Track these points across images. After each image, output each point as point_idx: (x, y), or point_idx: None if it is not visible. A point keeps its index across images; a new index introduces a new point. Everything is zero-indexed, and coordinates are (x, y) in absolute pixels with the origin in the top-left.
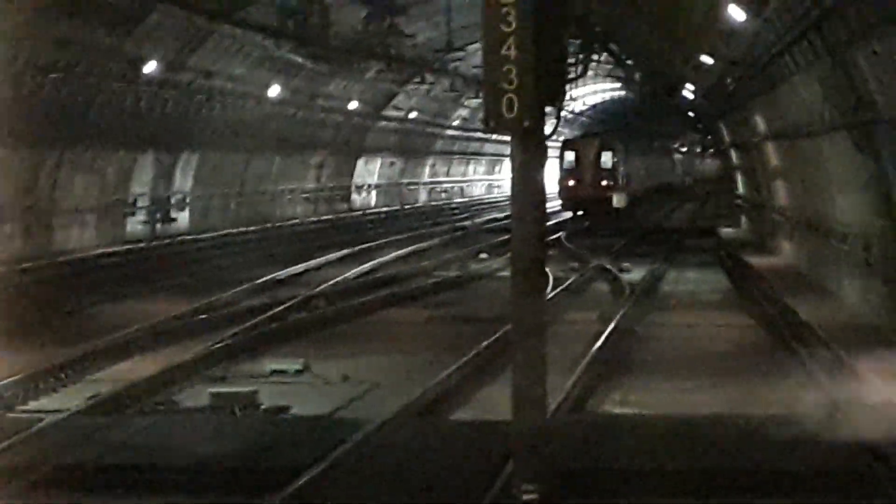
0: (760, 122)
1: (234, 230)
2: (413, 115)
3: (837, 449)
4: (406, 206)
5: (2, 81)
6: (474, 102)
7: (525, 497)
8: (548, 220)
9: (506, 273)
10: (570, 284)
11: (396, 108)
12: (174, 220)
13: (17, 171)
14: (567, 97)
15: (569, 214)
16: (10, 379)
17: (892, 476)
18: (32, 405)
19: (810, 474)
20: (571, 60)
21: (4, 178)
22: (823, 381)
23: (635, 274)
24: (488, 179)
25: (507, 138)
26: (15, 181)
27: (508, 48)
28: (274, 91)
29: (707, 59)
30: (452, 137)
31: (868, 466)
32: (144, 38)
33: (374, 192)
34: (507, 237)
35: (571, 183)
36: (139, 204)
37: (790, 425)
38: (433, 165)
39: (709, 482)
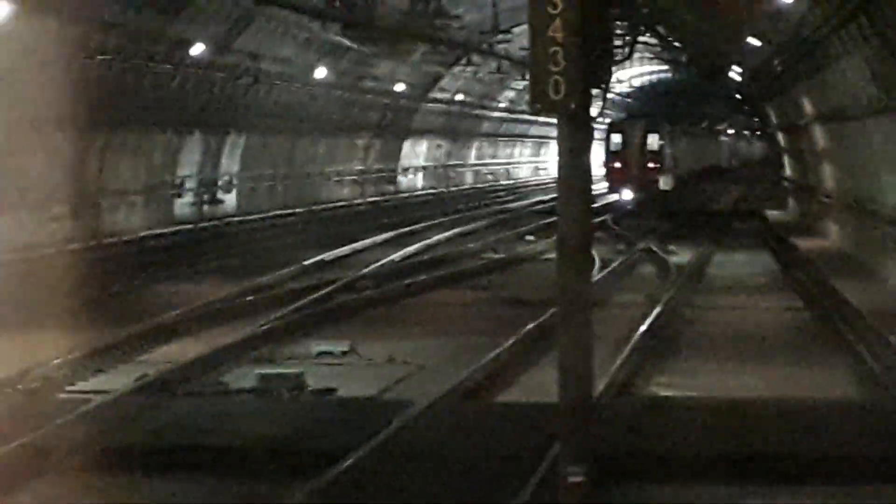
0: (807, 105)
1: (281, 212)
2: (459, 97)
3: (886, 435)
4: (452, 189)
5: (50, 64)
6: (520, 85)
7: (571, 479)
8: (594, 202)
9: (552, 255)
10: (616, 267)
11: (443, 90)
12: (221, 201)
13: (64, 153)
14: (613, 79)
15: (615, 196)
16: (59, 360)
17: None
18: (81, 386)
19: (857, 459)
20: (618, 42)
21: (52, 161)
22: (871, 365)
23: (682, 256)
24: (534, 162)
25: (553, 121)
26: (63, 164)
27: (555, 30)
28: (320, 73)
29: (754, 42)
30: (499, 120)
31: None
32: (190, 20)
33: (420, 175)
34: (552, 219)
35: (618, 165)
36: (186, 186)
37: (838, 409)
38: (479, 148)
39: (754, 465)
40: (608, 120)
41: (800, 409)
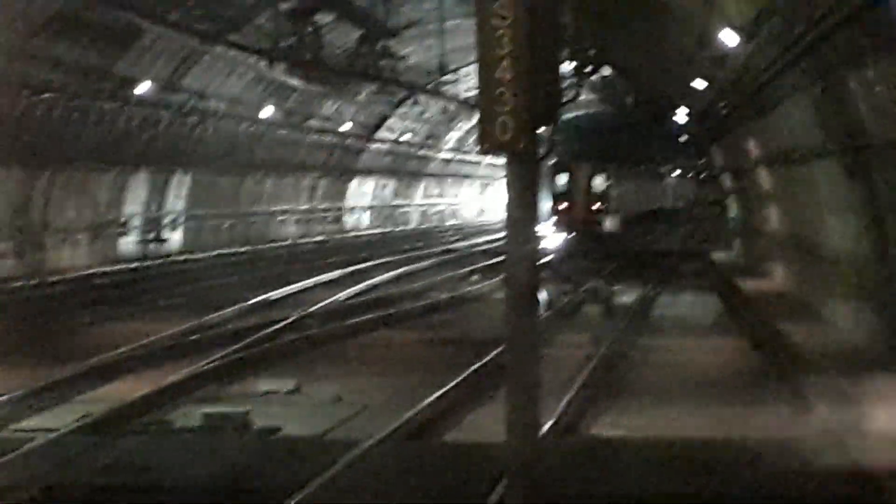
0: (753, 147)
1: (227, 250)
2: (406, 137)
3: (831, 476)
4: (398, 228)
5: None
6: (467, 125)
7: None
8: (540, 243)
9: (498, 295)
10: (562, 307)
11: (389, 129)
12: (166, 240)
13: (9, 190)
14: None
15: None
16: (2, 398)
17: None
18: (24, 424)
19: (803, 502)
20: (565, 84)
21: None
22: (816, 406)
23: (627, 297)
24: (480, 202)
25: (499, 161)
26: (7, 200)
27: (503, 70)
28: (267, 112)
29: (699, 84)
30: (445, 160)
31: (862, 494)
32: (137, 58)
33: (366, 214)
34: (497, 259)
35: (563, 206)
36: (131, 224)
37: (784, 451)
38: (426, 188)
39: None
40: (553, 160)
41: (746, 449)
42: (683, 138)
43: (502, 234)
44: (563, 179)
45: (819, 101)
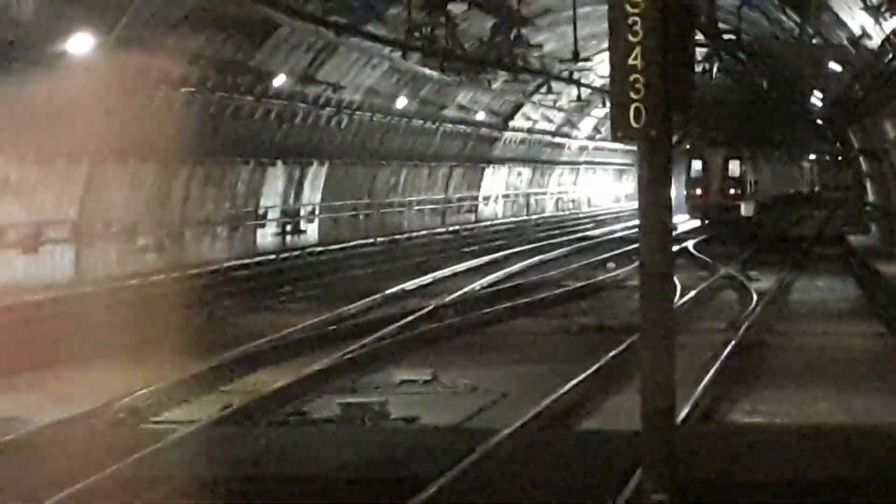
0: (890, 130)
1: (363, 241)
2: (540, 125)
3: None
4: (533, 216)
5: (135, 96)
6: (601, 112)
7: None
8: (675, 229)
9: (632, 283)
10: (698, 293)
11: (525, 117)
12: (304, 231)
13: (149, 184)
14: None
15: (696, 223)
16: (144, 390)
17: None
18: (165, 416)
19: None
20: (699, 69)
21: (137, 192)
22: None
23: (764, 283)
24: (615, 189)
25: (633, 148)
26: (147, 195)
27: (635, 58)
28: (401, 102)
29: (835, 67)
30: (580, 148)
31: None
32: (273, 51)
33: (501, 203)
34: (633, 246)
35: (699, 192)
36: (269, 216)
37: None
38: (560, 175)
39: (840, 493)
40: (688, 146)
41: (884, 434)
42: (819, 122)
43: (637, 221)
44: (698, 165)
45: None
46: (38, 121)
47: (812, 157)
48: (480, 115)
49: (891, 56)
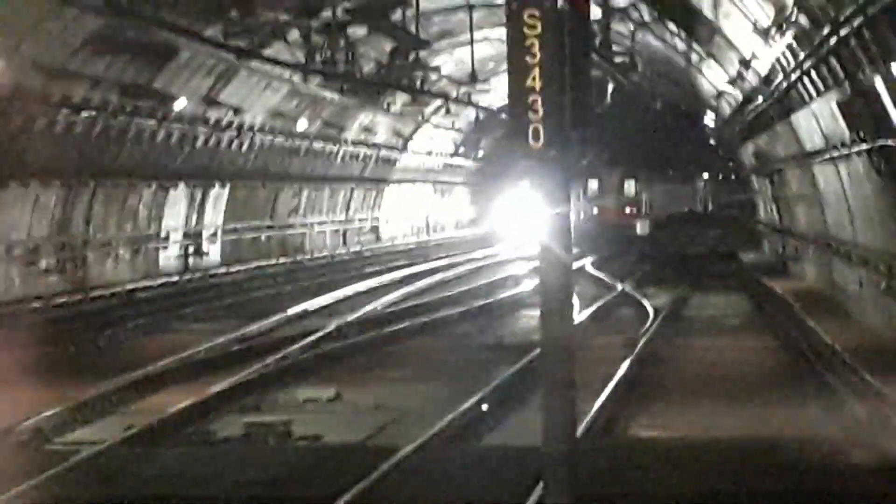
0: (780, 149)
1: (265, 262)
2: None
3: (865, 471)
4: (434, 237)
5: (37, 119)
6: (498, 134)
7: None
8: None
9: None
10: (596, 310)
11: (427, 138)
12: (206, 253)
13: (51, 207)
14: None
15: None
16: (48, 412)
17: None
18: (70, 437)
19: (842, 498)
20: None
21: (39, 215)
22: (848, 403)
23: (659, 299)
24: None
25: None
26: (50, 217)
27: (533, 79)
28: (302, 125)
29: (728, 88)
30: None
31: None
32: (175, 75)
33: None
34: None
35: (595, 211)
36: (172, 238)
37: (819, 447)
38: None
39: None
40: (585, 166)
41: (780, 447)
42: (712, 142)
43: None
44: (594, 185)
45: (845, 101)
46: None
47: (705, 176)
48: (381, 138)
49: (780, 78)
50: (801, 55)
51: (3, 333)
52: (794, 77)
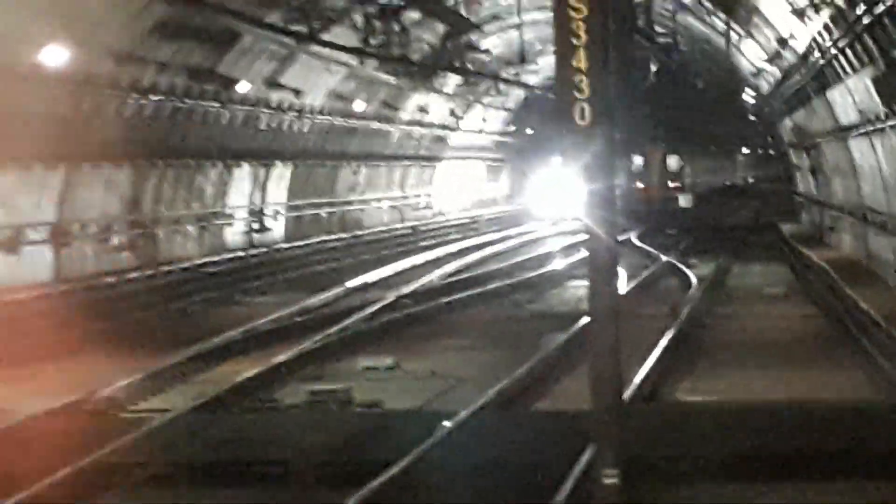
0: (817, 124)
1: (326, 237)
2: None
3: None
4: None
5: (108, 103)
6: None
7: (606, 481)
8: (619, 222)
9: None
10: (641, 281)
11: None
12: (269, 229)
13: (122, 187)
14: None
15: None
16: (121, 382)
17: None
18: (142, 405)
19: (881, 458)
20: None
21: (111, 194)
22: (886, 368)
23: (702, 269)
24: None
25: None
26: (121, 196)
27: (579, 59)
28: (359, 106)
29: (766, 66)
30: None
31: None
32: (238, 59)
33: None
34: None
35: (640, 185)
36: (237, 215)
37: (857, 409)
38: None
39: (779, 464)
40: (629, 142)
41: (820, 409)
42: (751, 118)
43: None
44: (638, 160)
45: (878, 77)
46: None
47: (745, 151)
48: (434, 117)
49: (816, 56)
50: (837, 33)
51: (80, 308)
52: (830, 55)
